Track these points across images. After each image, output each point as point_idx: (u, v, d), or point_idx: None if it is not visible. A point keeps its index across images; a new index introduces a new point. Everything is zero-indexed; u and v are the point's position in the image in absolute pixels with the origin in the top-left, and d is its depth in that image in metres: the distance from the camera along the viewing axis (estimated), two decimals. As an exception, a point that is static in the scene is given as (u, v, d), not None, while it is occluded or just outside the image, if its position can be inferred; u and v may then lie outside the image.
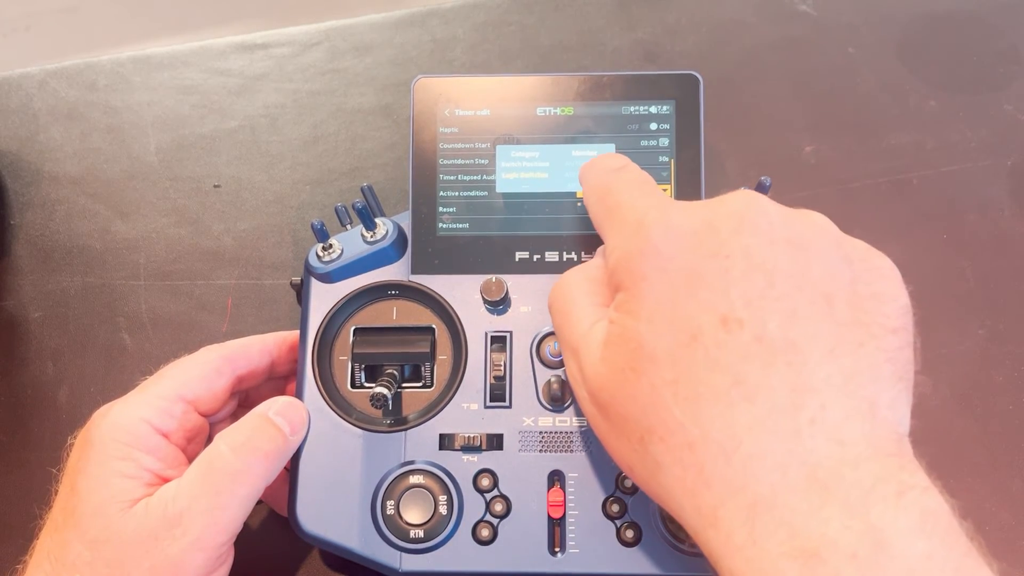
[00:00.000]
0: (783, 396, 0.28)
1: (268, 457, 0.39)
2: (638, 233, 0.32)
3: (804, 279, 0.30)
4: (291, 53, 0.63)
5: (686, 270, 0.30)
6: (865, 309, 0.30)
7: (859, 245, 0.32)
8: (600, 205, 0.36)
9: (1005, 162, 0.58)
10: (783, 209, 0.32)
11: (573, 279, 0.36)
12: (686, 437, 0.29)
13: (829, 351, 0.29)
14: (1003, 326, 0.53)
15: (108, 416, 0.39)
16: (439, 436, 0.42)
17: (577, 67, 0.62)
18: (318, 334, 0.44)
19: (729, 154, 0.58)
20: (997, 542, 0.47)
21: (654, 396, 0.29)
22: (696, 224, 0.31)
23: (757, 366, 0.28)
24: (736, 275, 0.29)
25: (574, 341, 0.34)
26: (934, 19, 0.63)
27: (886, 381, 0.29)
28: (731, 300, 0.29)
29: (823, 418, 0.28)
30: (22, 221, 0.58)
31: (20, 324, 0.55)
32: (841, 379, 0.28)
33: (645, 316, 0.30)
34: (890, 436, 0.28)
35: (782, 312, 0.29)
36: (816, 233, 0.31)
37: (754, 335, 0.28)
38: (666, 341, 0.29)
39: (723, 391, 0.28)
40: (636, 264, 0.31)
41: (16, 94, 0.62)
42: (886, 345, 0.30)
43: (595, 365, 0.32)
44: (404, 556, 0.41)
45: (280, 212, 0.58)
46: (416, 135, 0.46)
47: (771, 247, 0.30)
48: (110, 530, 0.36)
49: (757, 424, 0.28)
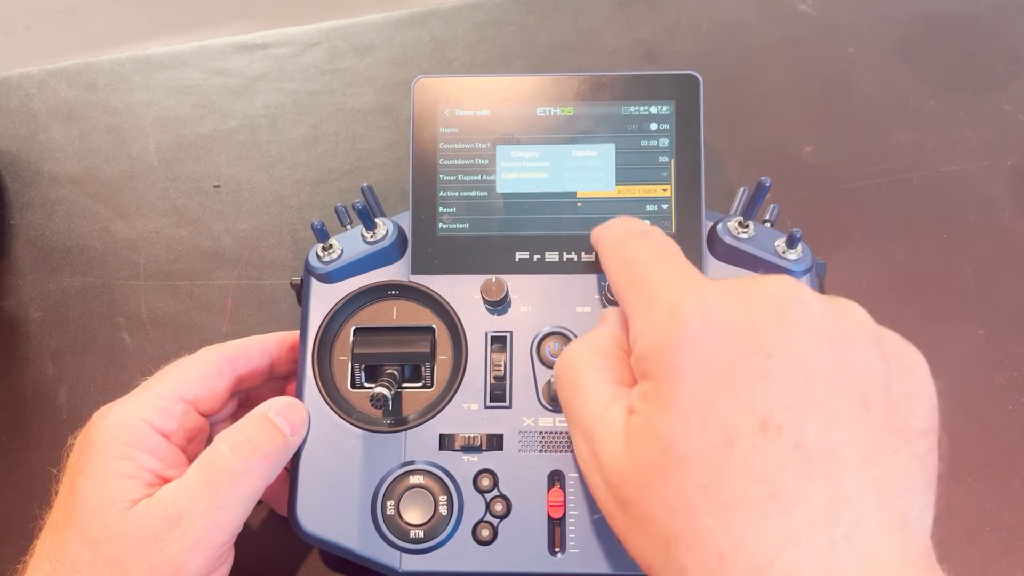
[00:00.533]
0: (819, 509, 0.27)
1: (268, 457, 0.39)
2: (672, 322, 0.29)
3: (843, 380, 0.28)
4: (291, 53, 0.63)
5: (725, 369, 0.28)
6: (899, 412, 0.29)
7: (894, 339, 0.31)
8: (623, 272, 0.33)
9: (1005, 162, 0.58)
10: (823, 300, 0.30)
11: (583, 352, 0.34)
12: (716, 547, 0.27)
13: (865, 460, 0.27)
14: (1003, 326, 0.53)
15: (108, 416, 0.39)
16: (439, 436, 0.42)
17: (577, 67, 0.62)
18: (318, 334, 0.44)
19: (729, 154, 0.58)
20: (997, 542, 0.47)
21: (683, 500, 0.28)
22: (736, 317, 0.29)
23: (794, 477, 0.27)
24: (777, 376, 0.28)
25: (587, 423, 0.32)
26: (934, 19, 0.63)
27: (918, 490, 0.28)
28: (771, 403, 0.27)
29: (858, 533, 0.27)
30: (22, 221, 0.58)
31: (20, 324, 0.55)
32: (876, 490, 0.27)
33: (679, 413, 0.28)
34: (921, 549, 0.28)
35: (821, 418, 0.27)
36: (855, 328, 0.30)
37: (793, 442, 0.27)
38: (700, 443, 0.28)
39: (759, 501, 0.27)
40: (669, 356, 0.29)
41: (16, 94, 0.62)
42: (918, 450, 0.29)
43: (617, 456, 0.30)
44: (404, 556, 0.41)
45: (280, 212, 0.58)
46: (416, 135, 0.46)
47: (813, 345, 0.28)
48: (110, 530, 0.36)
49: (792, 539, 0.26)
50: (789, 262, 0.44)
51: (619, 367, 0.33)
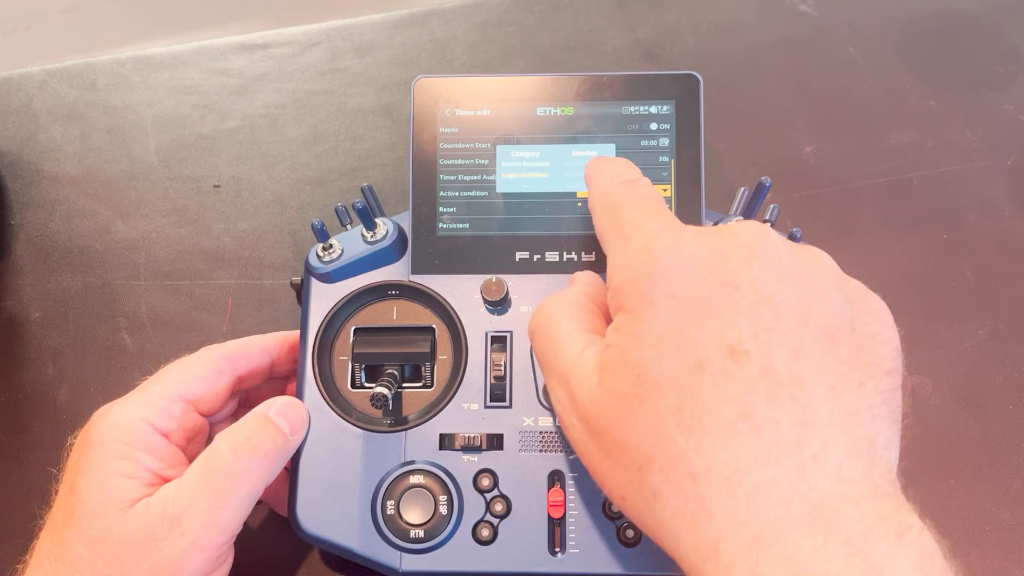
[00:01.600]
0: (788, 431, 0.28)
1: (268, 457, 0.39)
2: (646, 255, 0.31)
3: (809, 315, 0.29)
4: (291, 53, 0.63)
5: (695, 297, 0.30)
6: (864, 349, 0.30)
7: (858, 285, 0.33)
8: (607, 216, 0.35)
9: (1005, 162, 0.58)
10: (789, 244, 0.32)
11: (557, 305, 0.35)
12: (688, 467, 0.28)
13: (832, 388, 0.29)
14: (1003, 326, 0.53)
15: (108, 416, 0.39)
16: (439, 436, 0.42)
17: (577, 67, 0.62)
18: (318, 334, 0.44)
19: (729, 154, 0.58)
20: (997, 542, 0.47)
21: (657, 423, 0.29)
22: (707, 252, 0.30)
23: (763, 399, 0.28)
24: (745, 306, 0.29)
25: (563, 367, 0.33)
26: (934, 19, 0.63)
27: (883, 421, 0.29)
28: (739, 331, 0.29)
29: (826, 455, 0.28)
30: (22, 221, 0.58)
31: (20, 324, 0.55)
32: (843, 417, 0.28)
33: (651, 341, 0.30)
34: (887, 475, 0.29)
35: (788, 346, 0.29)
36: (820, 270, 0.31)
37: (761, 367, 0.28)
38: (672, 368, 0.29)
39: (729, 422, 0.28)
40: (643, 287, 0.31)
41: (16, 94, 0.62)
42: (883, 386, 0.30)
43: (591, 390, 0.31)
44: (404, 556, 0.41)
45: (280, 212, 0.58)
46: (416, 135, 0.46)
47: (779, 280, 0.30)
48: (110, 530, 0.36)
49: (762, 457, 0.27)
50: (789, 262, 0.44)
51: (592, 318, 0.34)
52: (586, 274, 0.38)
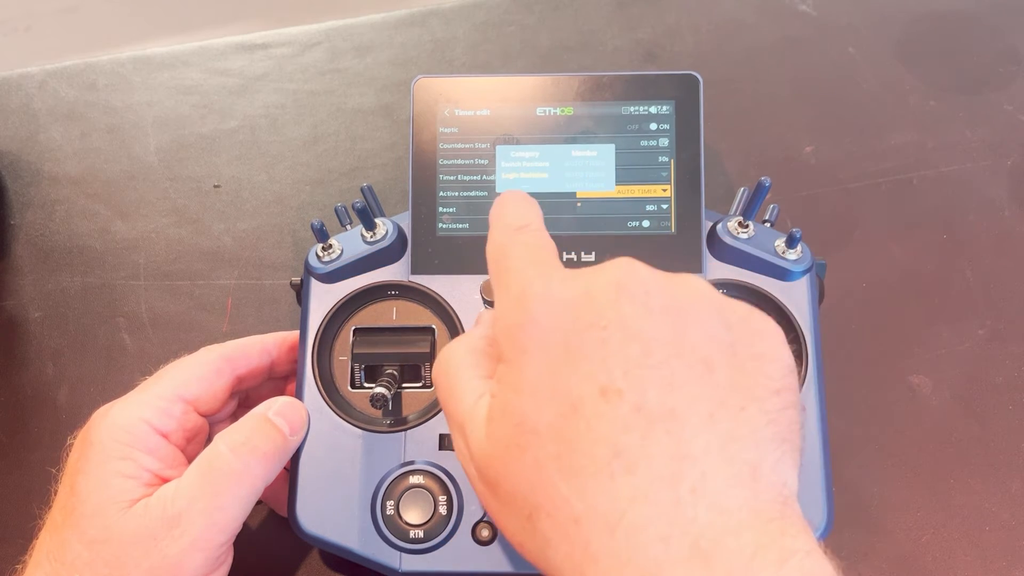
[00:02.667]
0: (663, 465, 0.27)
1: (267, 457, 0.39)
2: (519, 304, 0.31)
3: (682, 346, 0.29)
4: (291, 53, 0.63)
5: (564, 342, 0.30)
6: (746, 371, 0.30)
7: (739, 306, 0.32)
8: (493, 266, 0.35)
9: (1005, 162, 0.58)
10: (660, 276, 0.31)
11: (456, 352, 0.35)
12: (571, 512, 0.28)
13: (709, 416, 0.28)
14: (1003, 326, 0.53)
15: (108, 416, 0.39)
16: (439, 436, 0.42)
17: (577, 67, 0.62)
18: (318, 334, 0.44)
19: (729, 154, 0.58)
20: (997, 542, 0.47)
21: (539, 471, 0.29)
22: (574, 294, 0.30)
23: (637, 436, 0.28)
24: (613, 345, 0.29)
25: (459, 417, 0.33)
26: (934, 19, 0.63)
27: (769, 444, 0.29)
28: (609, 370, 0.29)
29: (704, 486, 0.27)
30: (22, 221, 0.58)
31: (20, 324, 0.55)
32: (720, 444, 0.28)
33: (527, 390, 0.30)
34: (773, 500, 0.28)
35: (660, 380, 0.28)
36: (693, 298, 0.31)
37: (633, 405, 0.28)
38: (547, 414, 0.29)
39: (604, 463, 0.28)
40: (516, 336, 0.31)
41: (16, 94, 0.62)
42: (769, 407, 0.29)
43: (480, 442, 0.31)
44: (404, 556, 0.41)
45: (280, 212, 0.58)
46: (416, 135, 0.46)
47: (647, 315, 0.30)
48: (109, 530, 0.36)
49: (639, 495, 0.27)
50: (789, 262, 0.44)
51: (490, 363, 0.34)
52: (488, 314, 0.37)
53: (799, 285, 0.44)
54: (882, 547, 0.47)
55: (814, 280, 0.45)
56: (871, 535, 0.47)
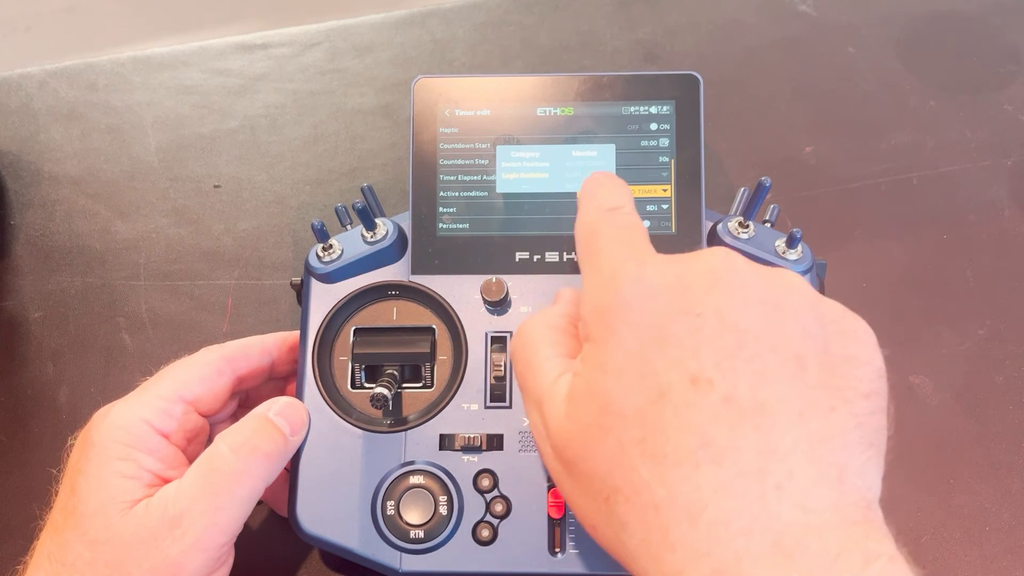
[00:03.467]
0: (750, 460, 0.27)
1: (268, 458, 0.39)
2: (611, 285, 0.31)
3: (776, 340, 0.29)
4: (291, 53, 0.63)
5: (657, 326, 0.29)
6: (838, 372, 0.29)
7: (834, 306, 0.32)
8: (583, 245, 0.35)
9: (1005, 162, 0.58)
10: (758, 268, 0.31)
11: (536, 328, 0.35)
12: (652, 498, 0.28)
13: (799, 414, 0.28)
14: (1003, 326, 0.53)
15: (108, 417, 0.39)
16: (439, 436, 0.42)
17: (577, 67, 0.62)
18: (318, 334, 0.44)
19: (729, 154, 0.58)
20: (997, 542, 0.47)
21: (621, 454, 0.29)
22: (669, 280, 0.30)
23: (725, 428, 0.28)
24: (707, 334, 0.29)
25: (538, 393, 0.33)
26: (934, 19, 0.63)
27: (856, 447, 0.28)
28: (701, 359, 0.28)
29: (790, 484, 0.27)
30: (22, 221, 0.58)
31: (20, 324, 0.55)
32: (809, 444, 0.28)
33: (614, 371, 0.30)
34: (858, 503, 0.28)
35: (752, 373, 0.28)
36: (790, 293, 0.30)
37: (723, 396, 0.28)
38: (634, 398, 0.29)
39: (690, 452, 0.28)
40: (607, 317, 0.30)
41: (16, 94, 0.62)
42: (858, 410, 0.29)
43: (560, 420, 0.31)
44: (404, 556, 0.41)
45: (280, 212, 0.58)
46: (416, 135, 0.46)
47: (744, 307, 0.29)
48: (110, 531, 0.36)
49: (723, 488, 0.27)
50: (789, 262, 0.44)
51: (570, 341, 0.34)
52: (568, 292, 0.37)
53: (799, 285, 0.44)
54: (882, 547, 0.47)
55: (814, 280, 0.45)
56: (871, 535, 0.47)
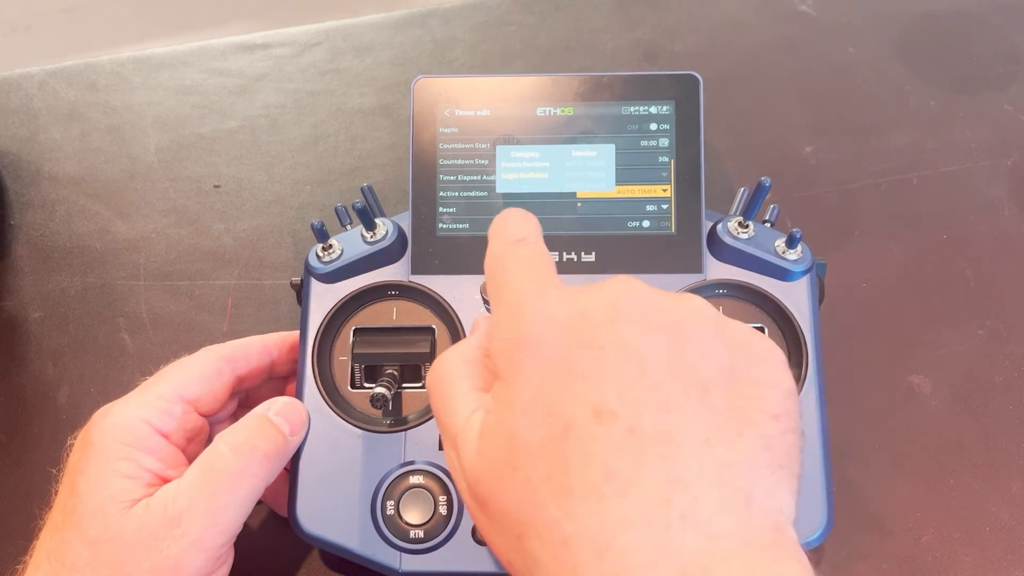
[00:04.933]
0: (655, 490, 0.27)
1: (268, 457, 0.39)
2: (515, 320, 0.31)
3: (679, 367, 0.29)
4: (291, 53, 0.63)
5: (560, 360, 0.29)
6: (744, 395, 0.29)
7: (740, 328, 0.31)
8: (491, 279, 0.34)
9: (1005, 162, 0.58)
10: (659, 295, 0.31)
11: (451, 362, 0.35)
12: (561, 534, 0.28)
13: (704, 440, 0.28)
14: (1003, 326, 0.53)
15: (108, 416, 0.39)
16: (439, 436, 0.42)
17: (577, 67, 0.62)
18: (318, 334, 0.44)
19: (729, 154, 0.58)
20: (997, 542, 0.47)
21: (530, 491, 0.28)
22: (571, 313, 0.30)
23: (629, 459, 0.27)
24: (609, 365, 0.29)
25: (453, 430, 0.33)
26: (934, 19, 0.63)
27: (764, 469, 0.28)
28: (604, 391, 0.28)
29: (695, 512, 0.27)
30: (22, 221, 0.58)
31: (20, 324, 0.55)
32: (715, 470, 0.28)
33: (520, 408, 0.29)
34: (766, 527, 0.28)
35: (655, 402, 0.28)
36: (692, 319, 0.30)
37: (627, 427, 0.28)
38: (540, 433, 0.29)
39: (596, 485, 0.27)
40: (513, 353, 0.30)
41: (16, 94, 0.62)
42: (765, 431, 0.29)
43: (472, 457, 0.31)
44: (404, 556, 0.41)
45: (280, 212, 0.58)
46: (416, 135, 0.46)
47: (644, 335, 0.29)
48: (110, 530, 0.36)
49: (629, 520, 0.27)
50: (789, 262, 0.44)
51: (485, 374, 0.34)
52: (484, 321, 0.37)
53: (799, 285, 0.44)
54: (882, 547, 0.47)
55: (814, 280, 0.45)
56: (871, 535, 0.47)
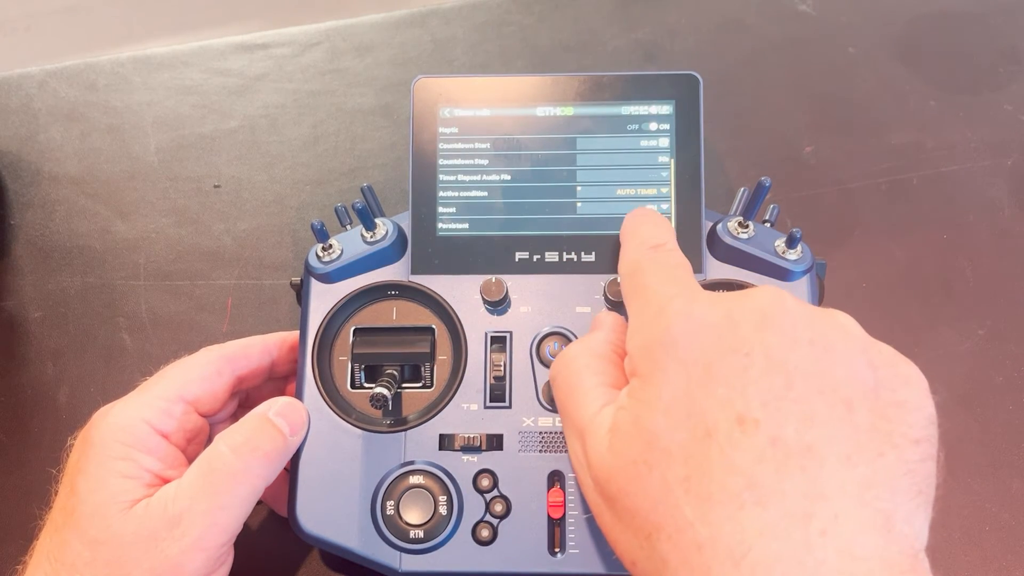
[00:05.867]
0: (795, 502, 0.27)
1: (268, 458, 0.39)
2: (659, 321, 0.31)
3: (825, 382, 0.29)
4: (291, 53, 0.63)
5: (704, 364, 0.29)
6: (887, 417, 0.29)
7: (885, 350, 0.31)
8: (629, 281, 0.35)
9: (1005, 162, 0.58)
10: (808, 308, 0.31)
11: (579, 356, 0.35)
12: (695, 537, 0.28)
13: (846, 458, 0.28)
14: (1003, 326, 0.53)
15: (108, 417, 0.39)
16: (439, 436, 0.42)
17: (577, 67, 0.62)
18: (318, 334, 0.44)
19: (729, 154, 0.58)
20: (997, 542, 0.47)
21: (665, 492, 0.28)
22: (718, 317, 0.30)
23: (771, 469, 0.27)
24: (755, 374, 0.29)
25: (581, 424, 0.33)
26: (934, 19, 0.63)
27: (905, 494, 0.28)
28: (748, 399, 0.28)
29: (836, 529, 0.27)
30: (22, 221, 0.58)
31: (20, 324, 0.55)
32: (857, 489, 0.27)
33: (660, 408, 0.29)
34: (904, 552, 0.27)
35: (800, 414, 0.28)
36: (841, 335, 0.30)
37: (770, 437, 0.28)
38: (680, 436, 0.29)
39: (735, 493, 0.27)
40: (655, 353, 0.30)
41: (16, 94, 0.62)
42: (907, 456, 0.29)
43: (603, 454, 0.31)
44: (404, 556, 0.41)
45: (280, 212, 0.58)
46: (416, 135, 0.46)
47: (793, 347, 0.29)
48: (110, 530, 0.36)
49: (767, 530, 0.27)
50: (789, 262, 0.44)
51: (613, 370, 0.34)
52: (609, 318, 0.37)
53: (799, 285, 0.44)
54: (882, 547, 0.47)
55: (814, 280, 0.45)
56: (871, 535, 0.47)
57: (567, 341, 0.44)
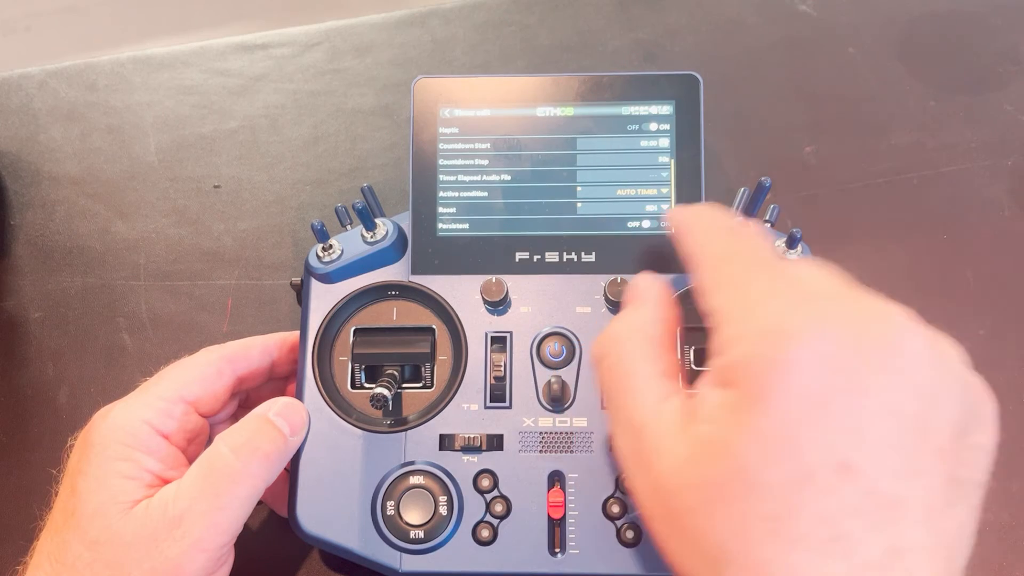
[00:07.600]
0: (876, 556, 0.26)
1: (268, 458, 0.39)
2: (775, 339, 0.28)
3: (926, 429, 0.28)
4: (291, 53, 0.63)
5: (820, 401, 0.27)
6: (965, 462, 0.28)
7: (979, 389, 0.30)
8: (717, 272, 0.32)
9: (1005, 162, 0.58)
10: (928, 340, 0.29)
11: (631, 338, 0.32)
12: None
13: (927, 510, 0.27)
14: (1003, 326, 0.53)
15: (108, 417, 0.39)
16: (439, 436, 0.42)
17: (577, 67, 0.62)
18: (318, 335, 0.44)
19: (729, 154, 0.58)
20: (997, 542, 0.47)
21: (744, 526, 0.27)
22: (844, 345, 0.28)
23: (860, 522, 0.26)
24: (867, 418, 0.27)
25: (636, 419, 0.31)
26: (934, 19, 0.63)
27: (966, 543, 0.28)
28: (855, 445, 0.27)
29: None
30: (22, 221, 0.58)
31: (20, 324, 0.55)
32: (930, 544, 0.27)
33: (759, 437, 0.27)
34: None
35: (896, 465, 0.27)
36: (950, 377, 0.29)
37: (866, 488, 0.27)
38: (777, 474, 0.27)
39: (823, 541, 0.26)
40: (765, 375, 0.27)
41: (16, 94, 0.62)
42: (974, 502, 0.28)
43: (675, 464, 0.29)
44: (404, 556, 0.41)
45: (280, 212, 0.58)
46: (416, 135, 0.46)
47: (909, 392, 0.28)
48: (110, 531, 0.36)
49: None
50: (789, 262, 0.44)
51: (668, 356, 0.32)
52: (654, 288, 0.34)
53: (799, 285, 0.44)
54: (882, 547, 0.47)
55: (814, 280, 0.45)
56: (871, 535, 0.47)
57: (567, 341, 0.44)
